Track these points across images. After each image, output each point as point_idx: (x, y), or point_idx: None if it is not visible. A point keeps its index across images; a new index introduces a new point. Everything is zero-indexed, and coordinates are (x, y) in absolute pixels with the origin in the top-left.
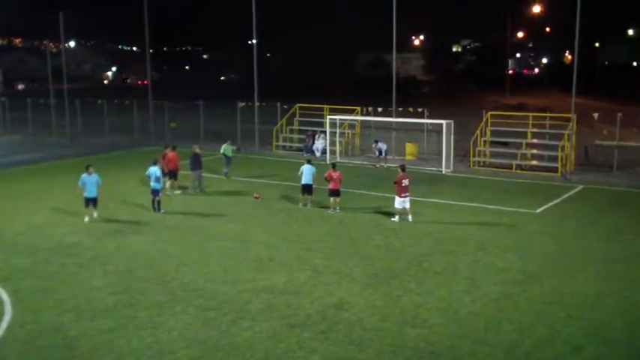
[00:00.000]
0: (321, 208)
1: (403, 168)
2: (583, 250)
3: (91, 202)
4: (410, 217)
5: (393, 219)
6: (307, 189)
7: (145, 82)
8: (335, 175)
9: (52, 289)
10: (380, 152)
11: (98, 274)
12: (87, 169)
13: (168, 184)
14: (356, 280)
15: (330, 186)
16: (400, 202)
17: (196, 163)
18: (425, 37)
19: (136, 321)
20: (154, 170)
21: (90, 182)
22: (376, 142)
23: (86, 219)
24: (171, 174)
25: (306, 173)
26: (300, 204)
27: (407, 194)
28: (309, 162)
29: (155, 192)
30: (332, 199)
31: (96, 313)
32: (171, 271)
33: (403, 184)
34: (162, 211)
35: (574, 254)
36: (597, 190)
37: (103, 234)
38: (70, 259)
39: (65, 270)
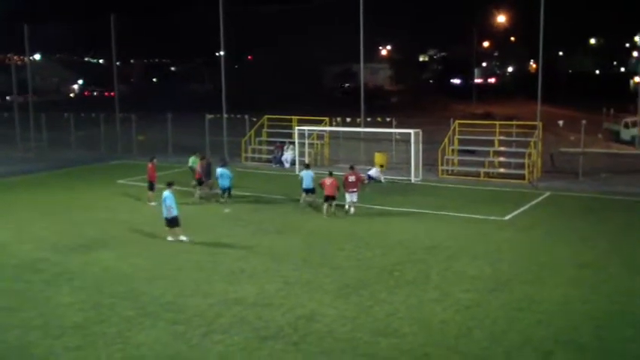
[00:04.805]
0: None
1: (352, 167)
2: (552, 256)
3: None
4: (352, 210)
5: (345, 209)
6: (309, 191)
7: (112, 93)
8: (328, 182)
9: (17, 306)
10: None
11: (65, 290)
12: (169, 185)
13: (149, 194)
14: (327, 291)
15: (325, 192)
16: (348, 196)
17: (209, 172)
18: (392, 48)
19: (105, 337)
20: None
21: (173, 199)
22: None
23: (184, 238)
24: (150, 185)
25: (306, 178)
26: (301, 200)
27: (353, 189)
28: (307, 167)
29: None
30: (326, 203)
31: (63, 331)
32: (141, 285)
33: (349, 180)
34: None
35: (543, 260)
36: (564, 197)
37: (69, 250)
38: (36, 275)
39: (31, 287)
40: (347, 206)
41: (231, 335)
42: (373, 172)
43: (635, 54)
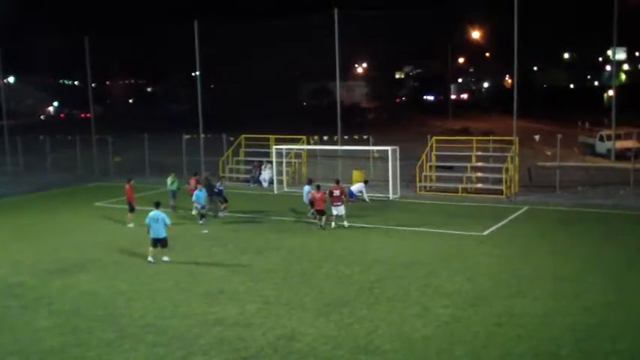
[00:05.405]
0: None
1: (337, 181)
2: (531, 270)
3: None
4: (345, 223)
5: (332, 225)
6: (311, 204)
7: (88, 115)
8: (317, 195)
9: None
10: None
11: (43, 314)
12: (157, 205)
13: (129, 216)
14: (307, 310)
15: (315, 206)
16: (333, 209)
17: (210, 189)
18: (368, 65)
19: None
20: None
21: (156, 220)
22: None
23: (166, 258)
24: (129, 207)
25: (304, 193)
26: (309, 213)
27: (338, 203)
28: (309, 182)
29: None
30: (318, 216)
31: (42, 356)
32: (120, 307)
33: (334, 195)
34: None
35: (522, 274)
36: (542, 211)
37: (47, 273)
38: (13, 300)
39: (8, 312)
40: (332, 224)
41: (212, 357)
42: (355, 188)
43: (608, 68)
